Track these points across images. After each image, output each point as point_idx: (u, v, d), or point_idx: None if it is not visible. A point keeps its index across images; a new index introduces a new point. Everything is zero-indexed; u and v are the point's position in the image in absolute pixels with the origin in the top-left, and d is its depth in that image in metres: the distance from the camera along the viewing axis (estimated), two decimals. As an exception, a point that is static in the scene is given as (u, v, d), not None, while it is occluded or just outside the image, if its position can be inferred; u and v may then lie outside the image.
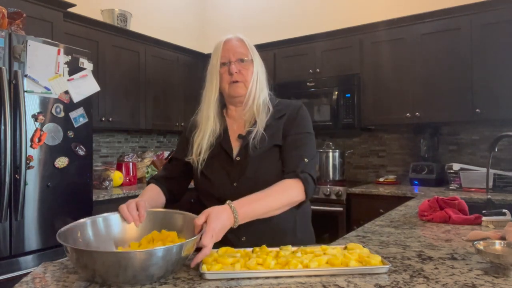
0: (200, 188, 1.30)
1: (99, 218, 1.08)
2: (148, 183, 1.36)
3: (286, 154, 1.26)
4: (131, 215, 1.07)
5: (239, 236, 1.21)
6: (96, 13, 3.36)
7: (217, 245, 1.06)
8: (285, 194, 1.18)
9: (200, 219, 0.99)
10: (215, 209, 1.02)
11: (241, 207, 1.07)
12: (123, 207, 1.09)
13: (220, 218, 1.01)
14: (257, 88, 1.30)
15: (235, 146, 1.29)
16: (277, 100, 1.36)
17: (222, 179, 1.26)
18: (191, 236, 0.95)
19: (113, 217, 1.09)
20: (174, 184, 1.36)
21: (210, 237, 0.95)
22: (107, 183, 3.02)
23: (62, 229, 0.96)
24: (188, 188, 1.44)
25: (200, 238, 0.94)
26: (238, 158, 1.26)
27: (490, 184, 2.64)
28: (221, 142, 1.29)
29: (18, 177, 2.07)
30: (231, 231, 1.06)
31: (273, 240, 1.15)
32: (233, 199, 1.11)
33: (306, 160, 1.23)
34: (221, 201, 1.13)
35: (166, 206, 1.31)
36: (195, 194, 1.37)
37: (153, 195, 1.29)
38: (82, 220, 1.04)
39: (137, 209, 1.09)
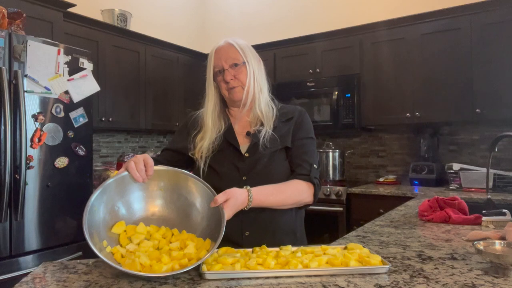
0: (208, 181, 1.31)
1: (111, 192, 1.06)
2: None
3: (297, 158, 1.31)
4: (141, 175, 1.06)
5: (242, 231, 1.24)
6: (96, 13, 3.36)
7: (225, 244, 1.08)
8: (299, 194, 1.26)
9: (221, 197, 1.05)
10: (236, 194, 1.09)
11: (258, 196, 1.14)
12: (132, 167, 1.06)
13: (237, 203, 1.08)
14: (255, 89, 1.32)
15: (243, 143, 1.32)
16: (280, 104, 1.41)
17: (231, 172, 1.28)
18: (205, 211, 1.07)
19: (124, 180, 1.08)
20: None
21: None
22: (107, 183, 3.01)
23: (85, 222, 0.95)
24: None
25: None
26: (247, 155, 1.29)
27: (490, 184, 2.64)
28: (228, 139, 1.32)
29: (18, 177, 2.07)
30: (234, 226, 1.11)
31: (274, 237, 1.19)
32: None
33: (315, 166, 1.31)
34: None
35: None
36: None
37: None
38: (91, 201, 1.02)
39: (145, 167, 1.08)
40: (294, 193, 1.25)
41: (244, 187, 1.14)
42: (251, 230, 1.23)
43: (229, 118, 1.37)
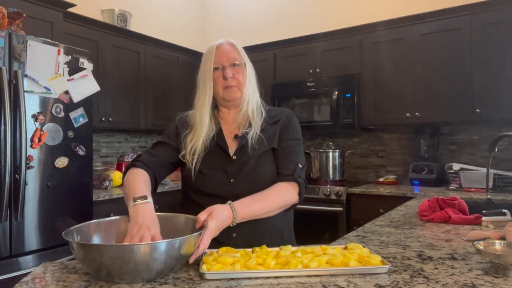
0: (195, 185, 1.30)
1: (104, 221, 1.10)
2: (133, 164, 1.27)
3: (282, 158, 1.31)
4: None
5: (230, 232, 1.22)
6: (96, 13, 3.36)
7: (214, 245, 1.07)
8: (283, 197, 1.25)
9: (202, 214, 1.04)
10: (217, 207, 1.07)
11: (241, 208, 1.12)
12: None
13: (220, 216, 1.06)
14: (250, 90, 1.34)
15: (231, 145, 1.32)
16: (268, 107, 1.42)
17: (219, 175, 1.28)
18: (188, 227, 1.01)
19: (117, 220, 1.10)
20: (160, 171, 1.32)
21: (210, 234, 1.00)
22: (107, 183, 3.02)
23: (68, 229, 0.98)
24: (176, 190, 1.43)
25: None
26: (235, 157, 1.29)
27: (490, 184, 2.64)
28: (217, 141, 1.31)
29: (18, 177, 2.07)
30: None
31: (262, 238, 1.17)
32: (229, 195, 1.19)
33: (300, 166, 1.30)
34: (215, 197, 1.21)
35: None
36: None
37: (148, 184, 1.22)
38: (87, 222, 1.06)
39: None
40: (277, 196, 1.23)
41: (227, 203, 1.11)
42: (239, 231, 1.22)
43: (218, 121, 1.36)
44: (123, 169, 1.32)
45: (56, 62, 2.28)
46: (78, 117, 2.41)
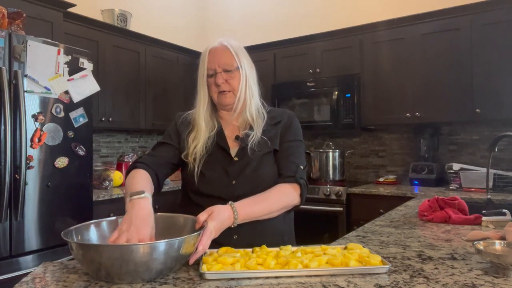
0: (197, 186, 1.29)
1: (104, 222, 1.10)
2: (134, 166, 1.26)
3: (283, 160, 1.31)
4: None
5: (231, 235, 1.21)
6: (96, 13, 3.36)
7: (214, 247, 1.07)
8: (284, 198, 1.24)
9: (203, 215, 1.03)
10: (218, 208, 1.06)
11: (242, 208, 1.11)
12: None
13: (221, 217, 1.05)
14: (246, 94, 1.32)
15: (233, 146, 1.31)
16: (269, 108, 1.41)
17: (220, 176, 1.27)
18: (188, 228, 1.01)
19: (118, 220, 1.10)
20: (162, 170, 1.30)
21: (209, 234, 0.99)
22: (107, 183, 3.02)
23: (67, 229, 0.97)
24: (176, 190, 1.41)
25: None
26: (236, 158, 1.29)
27: (490, 184, 2.63)
28: (218, 142, 1.31)
29: (18, 177, 2.07)
30: (224, 230, 1.08)
31: (263, 241, 1.16)
32: (231, 196, 1.18)
33: (301, 167, 1.30)
34: (216, 198, 1.20)
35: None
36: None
37: (148, 182, 1.21)
38: (87, 222, 1.06)
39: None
40: (279, 198, 1.23)
41: (228, 203, 1.10)
42: (239, 233, 1.21)
43: (219, 121, 1.36)
44: (123, 169, 1.32)
45: (56, 62, 2.28)
46: (78, 117, 2.41)
